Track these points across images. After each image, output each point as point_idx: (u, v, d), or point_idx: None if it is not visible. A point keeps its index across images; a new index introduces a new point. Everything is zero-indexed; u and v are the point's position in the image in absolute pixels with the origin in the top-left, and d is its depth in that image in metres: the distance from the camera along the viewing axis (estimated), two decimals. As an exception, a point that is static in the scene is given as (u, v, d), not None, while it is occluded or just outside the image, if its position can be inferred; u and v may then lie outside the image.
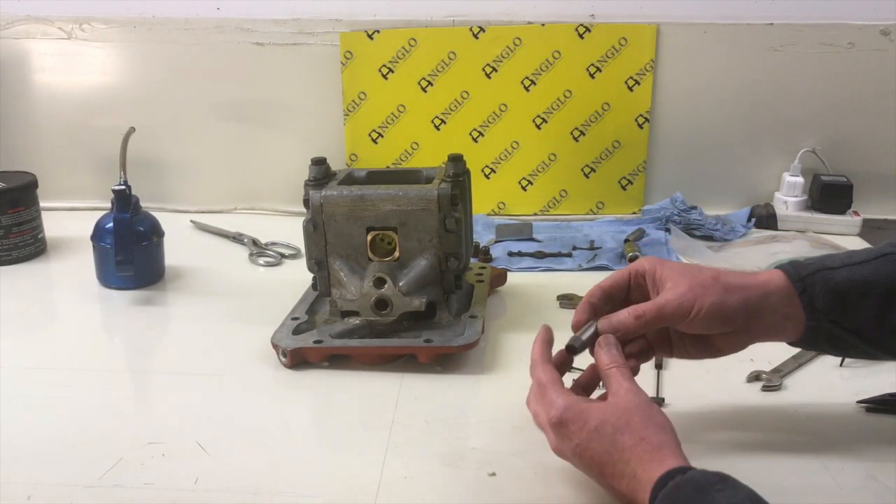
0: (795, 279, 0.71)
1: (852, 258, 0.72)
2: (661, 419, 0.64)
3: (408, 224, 0.93)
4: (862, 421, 0.80)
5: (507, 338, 0.98)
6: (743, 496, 0.57)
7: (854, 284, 0.70)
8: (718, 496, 0.56)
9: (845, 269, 0.71)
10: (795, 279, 0.71)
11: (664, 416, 0.64)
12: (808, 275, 0.71)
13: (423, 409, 0.83)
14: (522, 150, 1.41)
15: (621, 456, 0.62)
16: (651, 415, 0.63)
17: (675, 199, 1.37)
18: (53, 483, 0.71)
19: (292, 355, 0.90)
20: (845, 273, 0.70)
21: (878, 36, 1.32)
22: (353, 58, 1.37)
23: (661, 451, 0.61)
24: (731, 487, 0.57)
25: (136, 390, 0.91)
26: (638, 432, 0.62)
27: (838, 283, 0.70)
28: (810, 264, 0.72)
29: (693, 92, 1.37)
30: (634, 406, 0.64)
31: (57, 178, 1.43)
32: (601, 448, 0.63)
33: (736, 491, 0.57)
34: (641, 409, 0.64)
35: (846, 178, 1.36)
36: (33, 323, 1.05)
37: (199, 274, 1.19)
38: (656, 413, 0.64)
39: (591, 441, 0.63)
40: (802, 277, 0.71)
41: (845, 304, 0.70)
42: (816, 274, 0.71)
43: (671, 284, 0.71)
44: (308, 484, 0.71)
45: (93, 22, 1.38)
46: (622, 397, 0.65)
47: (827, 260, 0.72)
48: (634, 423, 0.62)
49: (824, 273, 0.71)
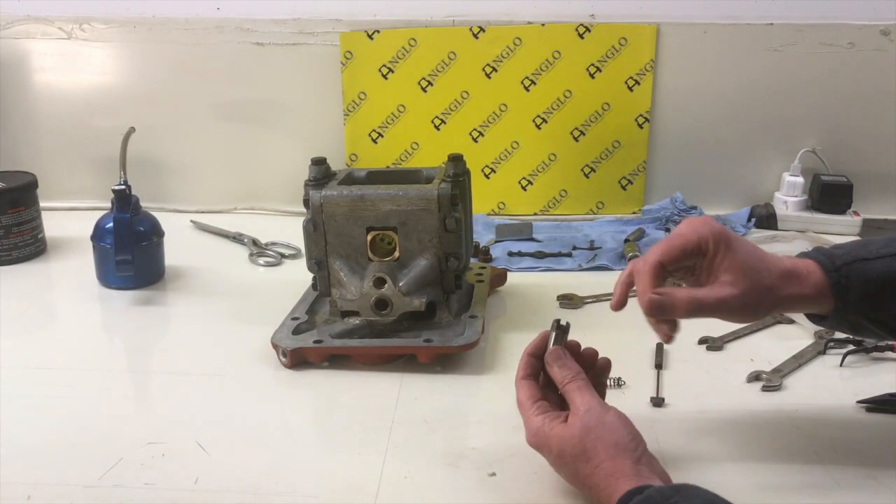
0: (829, 268, 0.69)
1: (889, 247, 0.69)
2: (615, 436, 0.64)
3: (408, 224, 0.93)
4: (862, 421, 0.80)
5: (507, 338, 0.98)
6: (699, 502, 0.57)
7: (889, 279, 0.67)
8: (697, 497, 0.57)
9: (880, 261, 0.68)
10: (829, 268, 0.69)
11: (620, 429, 0.65)
12: (842, 265, 0.68)
13: (423, 409, 0.83)
14: (522, 150, 1.41)
15: (584, 482, 0.65)
16: (602, 435, 0.64)
17: (675, 199, 1.37)
18: (53, 483, 0.71)
19: (292, 355, 0.90)
20: (880, 266, 0.68)
21: (878, 36, 1.32)
22: (353, 58, 1.37)
23: (614, 477, 0.62)
24: (686, 497, 0.58)
25: (136, 390, 0.91)
26: (592, 461, 0.64)
27: (873, 277, 0.67)
28: (845, 253, 0.69)
29: (693, 92, 1.37)
30: (588, 429, 0.65)
31: (57, 178, 1.43)
32: (567, 473, 0.67)
33: (692, 500, 0.57)
34: (594, 431, 0.65)
35: (846, 178, 1.35)
36: (33, 323, 1.05)
37: (199, 274, 1.19)
38: (608, 431, 0.65)
39: (559, 466, 0.67)
40: (837, 267, 0.68)
41: (879, 297, 0.68)
42: (852, 265, 0.68)
43: (732, 278, 0.67)
44: (308, 484, 0.71)
45: (93, 22, 1.38)
46: (579, 419, 0.66)
47: (862, 249, 0.69)
48: (588, 450, 0.64)
49: (860, 265, 0.68)
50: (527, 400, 0.70)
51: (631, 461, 0.63)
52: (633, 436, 0.65)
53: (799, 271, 0.69)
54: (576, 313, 1.05)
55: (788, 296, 0.68)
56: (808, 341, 0.94)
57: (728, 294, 0.67)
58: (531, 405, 0.69)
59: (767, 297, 0.68)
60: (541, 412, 0.68)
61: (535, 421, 0.68)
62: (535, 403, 0.69)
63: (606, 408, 0.67)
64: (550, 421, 0.67)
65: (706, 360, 0.91)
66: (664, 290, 0.68)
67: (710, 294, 0.67)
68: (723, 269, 0.67)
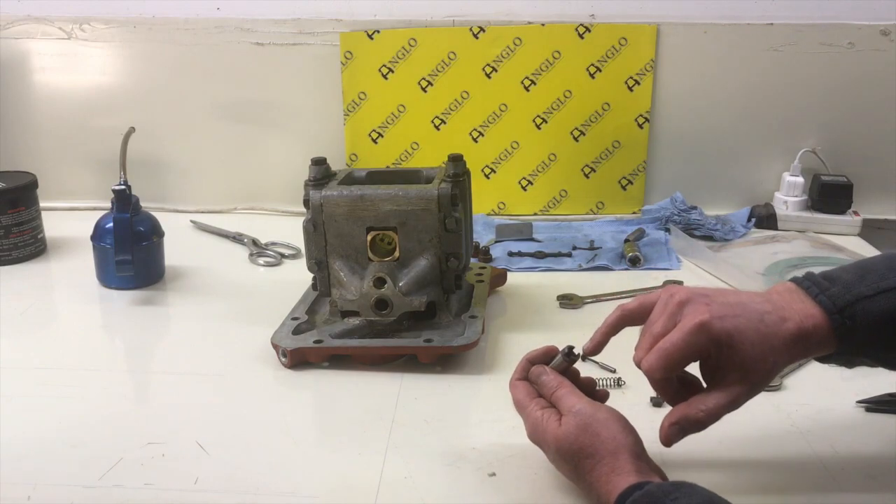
0: (832, 310, 0.65)
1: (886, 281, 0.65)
2: (611, 431, 0.65)
3: (408, 224, 0.93)
4: (862, 421, 0.80)
5: (507, 338, 0.98)
6: (699, 500, 0.57)
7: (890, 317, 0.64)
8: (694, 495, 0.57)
9: (882, 296, 0.65)
10: (832, 310, 0.65)
11: (614, 424, 0.65)
12: (845, 306, 0.65)
13: (423, 409, 0.83)
14: (522, 150, 1.41)
15: (583, 478, 0.65)
16: (599, 431, 0.65)
17: (675, 199, 1.37)
18: (53, 483, 0.71)
19: (292, 355, 0.90)
20: (882, 303, 0.64)
21: (878, 36, 1.32)
22: (353, 58, 1.37)
23: (615, 473, 0.62)
24: (686, 495, 0.58)
25: (136, 390, 0.91)
26: (592, 457, 0.64)
27: (877, 317, 0.64)
28: (845, 291, 0.65)
29: (693, 92, 1.37)
30: (583, 426, 0.65)
31: (57, 178, 1.43)
32: (568, 469, 0.67)
33: (692, 497, 0.57)
34: (590, 428, 0.65)
35: (846, 178, 1.35)
36: (33, 323, 1.05)
37: (199, 274, 1.19)
38: (603, 427, 0.65)
39: (558, 463, 0.68)
40: (840, 309, 0.65)
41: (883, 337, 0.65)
42: (856, 305, 0.65)
43: (739, 376, 0.64)
44: (308, 484, 0.71)
45: (93, 22, 1.38)
46: (573, 416, 0.66)
47: (861, 284, 0.65)
48: (585, 447, 0.64)
49: (864, 304, 0.65)
50: (525, 397, 0.71)
51: (630, 456, 0.63)
52: (629, 430, 0.65)
53: (806, 333, 0.65)
54: (576, 313, 1.05)
55: (795, 359, 0.66)
56: (808, 341, 0.93)
57: (738, 393, 0.65)
58: (530, 401, 0.70)
59: (773, 374, 0.66)
60: (540, 407, 0.69)
61: (535, 415, 0.69)
62: (534, 400, 0.70)
63: (597, 405, 0.68)
64: (549, 418, 0.68)
65: (706, 360, 0.91)
66: (678, 418, 0.66)
67: (720, 401, 0.65)
68: (728, 369, 0.65)
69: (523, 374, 0.73)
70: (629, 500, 0.59)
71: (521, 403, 0.71)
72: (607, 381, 0.86)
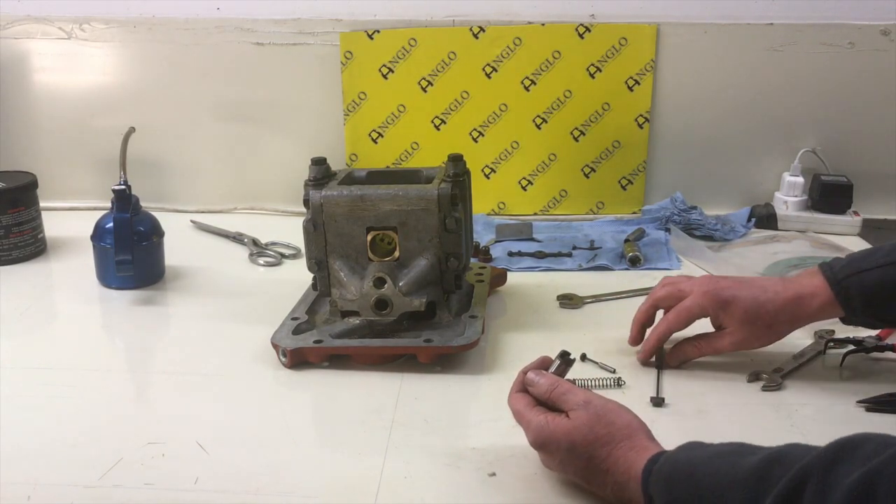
0: (833, 282, 0.80)
1: (887, 258, 0.79)
2: (624, 419, 0.67)
3: (408, 224, 0.93)
4: (862, 421, 0.80)
5: (507, 338, 0.98)
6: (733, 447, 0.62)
7: (885, 287, 0.78)
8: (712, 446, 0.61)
9: (878, 270, 0.78)
10: (833, 282, 0.80)
11: (625, 412, 0.68)
12: (843, 278, 0.80)
13: (423, 409, 0.83)
14: (522, 150, 1.41)
15: (599, 467, 0.65)
16: (613, 420, 0.66)
17: (675, 199, 1.37)
18: (53, 483, 0.71)
19: (292, 355, 0.90)
20: (877, 275, 0.77)
21: (878, 36, 1.32)
22: (353, 58, 1.37)
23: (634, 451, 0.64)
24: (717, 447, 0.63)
25: (136, 390, 0.91)
26: (609, 444, 0.65)
27: (870, 286, 0.78)
28: (846, 266, 0.81)
29: (693, 92, 1.37)
30: (596, 416, 0.66)
31: (57, 178, 1.43)
32: (581, 464, 0.66)
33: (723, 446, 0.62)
34: (603, 418, 0.66)
35: (846, 178, 1.35)
36: (33, 323, 1.05)
37: (199, 274, 1.19)
38: (616, 415, 0.67)
39: (570, 459, 0.67)
40: (839, 280, 0.80)
41: (880, 304, 0.79)
42: (851, 277, 0.79)
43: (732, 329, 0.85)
44: (308, 484, 0.71)
45: (93, 22, 1.38)
46: (583, 409, 0.67)
47: (864, 261, 0.80)
48: (601, 435, 0.65)
49: (858, 277, 0.79)
50: (525, 406, 0.71)
51: (647, 437, 0.66)
52: (638, 418, 0.67)
53: (804, 295, 0.82)
54: (576, 313, 1.05)
55: (794, 318, 0.83)
56: (808, 341, 0.94)
57: (728, 342, 0.86)
58: (530, 409, 0.70)
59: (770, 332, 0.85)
60: (542, 412, 0.69)
61: (538, 420, 0.68)
62: (535, 407, 0.70)
63: (602, 397, 0.69)
64: (554, 419, 0.68)
65: (706, 359, 0.91)
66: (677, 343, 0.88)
67: (711, 344, 0.88)
68: (725, 324, 0.86)
69: (522, 386, 0.73)
70: (661, 459, 0.61)
71: (520, 413, 0.71)
72: (607, 381, 0.86)
